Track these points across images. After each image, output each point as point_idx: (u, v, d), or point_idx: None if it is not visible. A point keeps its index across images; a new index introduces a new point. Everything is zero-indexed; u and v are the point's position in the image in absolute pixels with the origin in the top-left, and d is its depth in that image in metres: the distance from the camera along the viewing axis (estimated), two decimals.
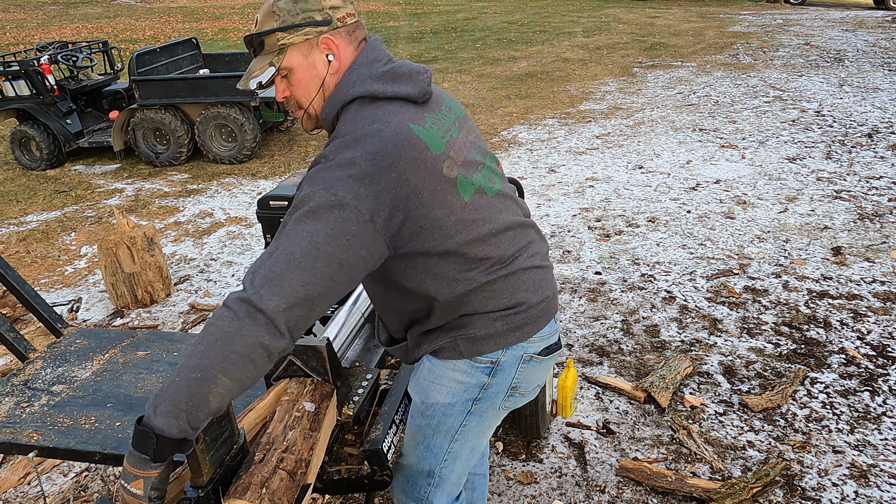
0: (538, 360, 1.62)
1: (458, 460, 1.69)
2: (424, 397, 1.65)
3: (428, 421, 1.65)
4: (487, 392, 1.60)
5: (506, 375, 1.59)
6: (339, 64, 1.46)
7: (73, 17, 18.87)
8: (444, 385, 1.60)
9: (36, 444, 1.67)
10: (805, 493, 2.50)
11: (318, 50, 1.44)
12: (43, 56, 6.87)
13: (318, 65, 1.45)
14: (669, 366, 3.19)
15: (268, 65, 1.44)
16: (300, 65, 1.44)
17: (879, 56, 9.78)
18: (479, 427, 1.66)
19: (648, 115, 7.66)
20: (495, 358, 1.56)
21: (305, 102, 1.49)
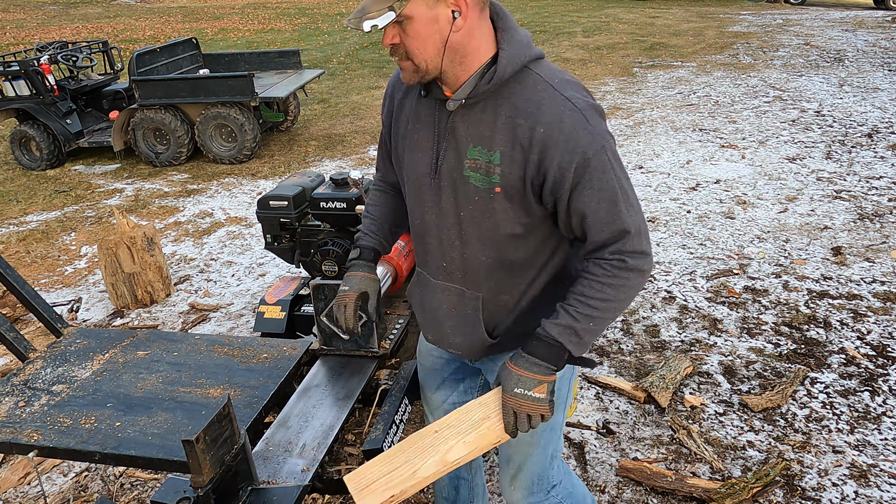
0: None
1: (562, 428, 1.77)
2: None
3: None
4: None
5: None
6: (463, 23, 1.35)
7: (73, 17, 18.87)
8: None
9: (36, 444, 1.66)
10: (805, 493, 2.50)
11: (444, 4, 1.33)
12: (43, 56, 6.87)
13: (441, 19, 1.34)
14: (669, 366, 3.19)
15: (387, 8, 1.32)
16: (422, 16, 1.33)
17: (879, 56, 9.79)
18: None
19: (648, 115, 7.66)
20: None
21: (419, 56, 1.38)
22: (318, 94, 9.57)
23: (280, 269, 4.53)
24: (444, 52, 1.37)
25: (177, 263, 4.74)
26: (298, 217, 2.91)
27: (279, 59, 7.88)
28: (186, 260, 4.79)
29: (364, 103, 9.01)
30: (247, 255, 4.82)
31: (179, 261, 4.77)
